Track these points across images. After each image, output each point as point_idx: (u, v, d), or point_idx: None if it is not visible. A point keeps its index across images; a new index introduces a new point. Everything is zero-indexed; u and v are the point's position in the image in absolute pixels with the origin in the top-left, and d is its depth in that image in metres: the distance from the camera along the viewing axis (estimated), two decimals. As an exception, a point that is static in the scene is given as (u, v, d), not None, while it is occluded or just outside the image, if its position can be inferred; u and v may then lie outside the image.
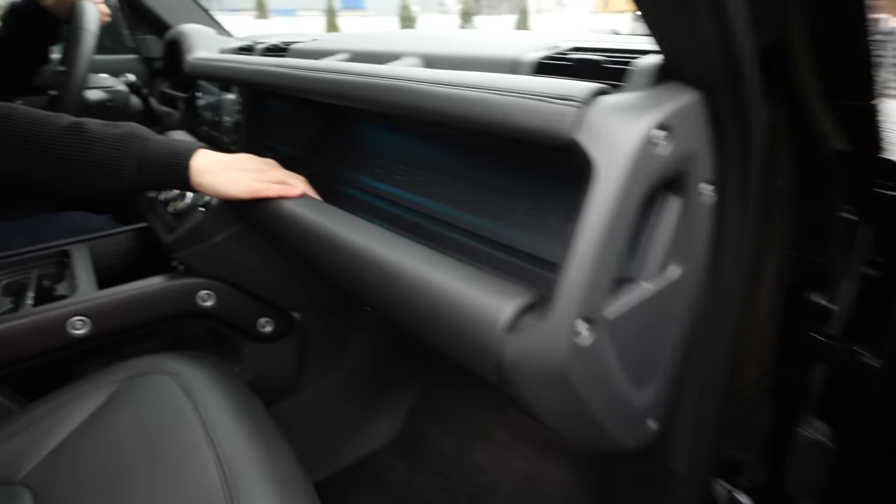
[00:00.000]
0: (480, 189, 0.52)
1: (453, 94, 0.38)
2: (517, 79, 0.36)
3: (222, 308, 0.76)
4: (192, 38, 0.96)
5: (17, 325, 0.62)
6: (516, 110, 0.34)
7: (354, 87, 0.47)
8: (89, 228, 0.93)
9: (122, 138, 0.56)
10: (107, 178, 0.56)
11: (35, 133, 0.54)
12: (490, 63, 0.45)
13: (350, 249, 0.49)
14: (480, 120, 0.36)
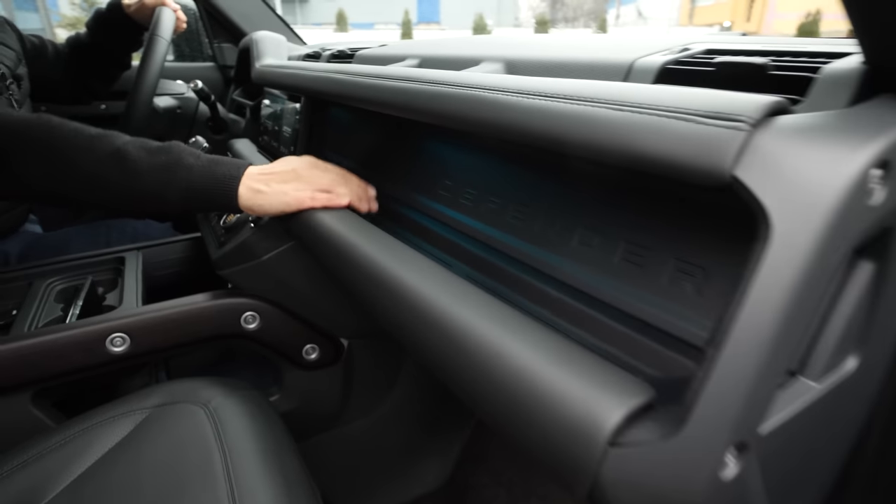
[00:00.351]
0: (562, 222, 0.42)
1: (550, 109, 0.28)
2: (644, 89, 0.26)
3: (267, 331, 0.71)
4: (262, 46, 0.93)
5: (57, 339, 0.59)
6: (643, 132, 0.24)
7: (418, 95, 0.38)
8: (149, 236, 0.92)
9: (165, 169, 0.53)
10: (153, 205, 0.54)
11: (83, 160, 0.52)
12: (595, 69, 0.35)
13: (398, 291, 0.40)
14: (586, 143, 0.27)
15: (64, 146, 0.52)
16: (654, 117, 0.24)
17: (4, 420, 0.60)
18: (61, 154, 0.52)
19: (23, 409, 0.60)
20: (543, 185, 0.45)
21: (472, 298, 0.35)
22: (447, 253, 0.54)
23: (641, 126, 0.24)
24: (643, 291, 0.36)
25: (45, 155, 0.51)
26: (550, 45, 0.45)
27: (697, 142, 0.22)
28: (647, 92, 0.25)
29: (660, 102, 0.24)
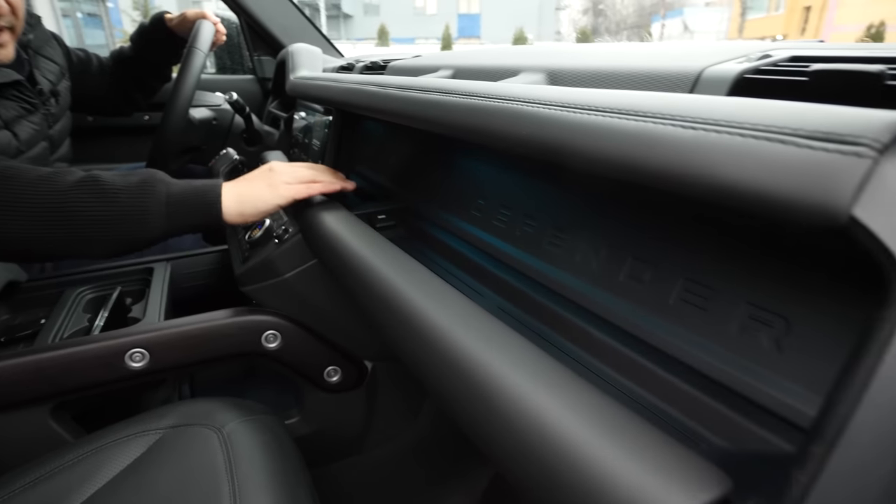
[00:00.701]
0: (608, 252, 0.37)
1: (600, 125, 0.24)
2: (724, 102, 0.21)
3: (288, 351, 0.68)
4: (297, 58, 0.92)
5: (75, 353, 0.58)
6: (723, 156, 0.19)
7: (447, 108, 0.34)
8: (180, 247, 0.92)
9: (143, 184, 0.50)
10: (134, 228, 0.50)
11: (43, 193, 0.48)
12: (655, 79, 0.30)
13: (416, 324, 0.36)
14: (645, 168, 0.22)
15: (17, 186, 0.47)
16: (739, 138, 0.19)
17: (24, 433, 0.59)
18: (17, 196, 0.47)
19: (42, 422, 0.59)
20: (587, 209, 0.40)
21: (502, 341, 0.30)
22: (478, 280, 0.49)
23: (720, 149, 0.19)
24: (706, 340, 0.30)
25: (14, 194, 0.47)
26: (600, 53, 0.40)
27: (800, 171, 0.17)
28: (727, 106, 0.20)
29: (746, 119, 0.19)
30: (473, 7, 22.53)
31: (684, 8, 26.98)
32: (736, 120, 0.19)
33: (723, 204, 0.20)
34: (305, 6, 21.58)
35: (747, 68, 0.26)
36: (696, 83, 0.27)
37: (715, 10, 25.71)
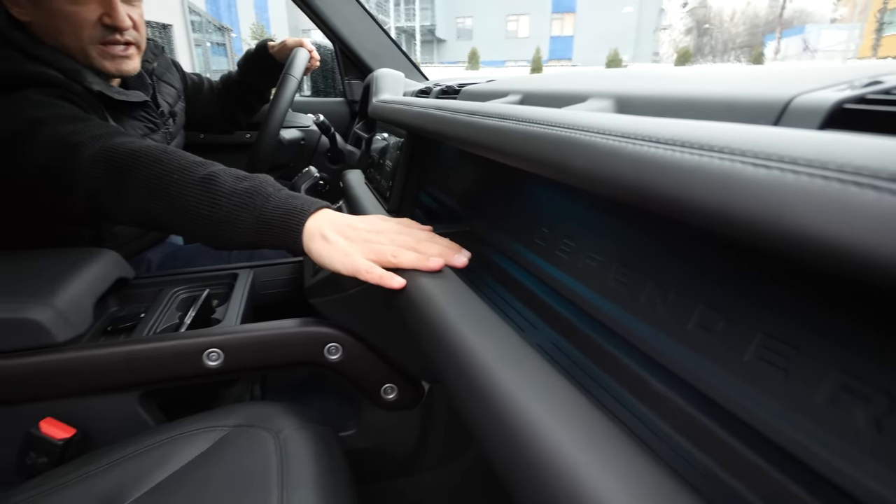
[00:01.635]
0: (677, 296, 0.34)
1: (657, 158, 0.22)
2: (806, 137, 0.18)
3: (348, 364, 0.69)
4: (381, 82, 0.96)
5: (161, 348, 0.64)
6: (797, 201, 0.16)
7: (503, 134, 0.33)
8: (263, 255, 0.99)
9: (244, 195, 0.53)
10: (226, 235, 0.53)
11: (175, 182, 0.54)
12: (736, 108, 0.27)
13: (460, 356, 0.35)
14: (708, 209, 0.19)
15: (162, 170, 0.55)
16: (821, 180, 0.16)
17: (115, 414, 0.65)
18: (158, 177, 0.54)
19: (131, 407, 0.65)
20: (657, 247, 0.37)
21: (546, 386, 0.28)
22: (534, 311, 0.47)
23: (796, 192, 0.16)
24: (788, 409, 0.26)
25: (151, 174, 0.54)
26: (679, 78, 0.37)
27: (875, 220, 0.14)
28: (811, 142, 0.18)
29: (831, 158, 0.16)
30: (566, 29, 22.39)
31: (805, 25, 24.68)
32: (819, 159, 0.17)
33: (797, 256, 0.17)
34: (402, 32, 22.78)
35: (847, 97, 0.22)
36: (782, 114, 0.24)
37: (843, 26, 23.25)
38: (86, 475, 0.55)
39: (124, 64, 0.78)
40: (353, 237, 0.51)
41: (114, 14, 0.73)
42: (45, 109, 0.63)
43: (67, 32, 0.72)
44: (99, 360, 0.62)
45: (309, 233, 0.51)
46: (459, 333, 0.38)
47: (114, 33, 0.74)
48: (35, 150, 0.60)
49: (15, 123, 0.61)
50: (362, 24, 1.33)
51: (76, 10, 0.70)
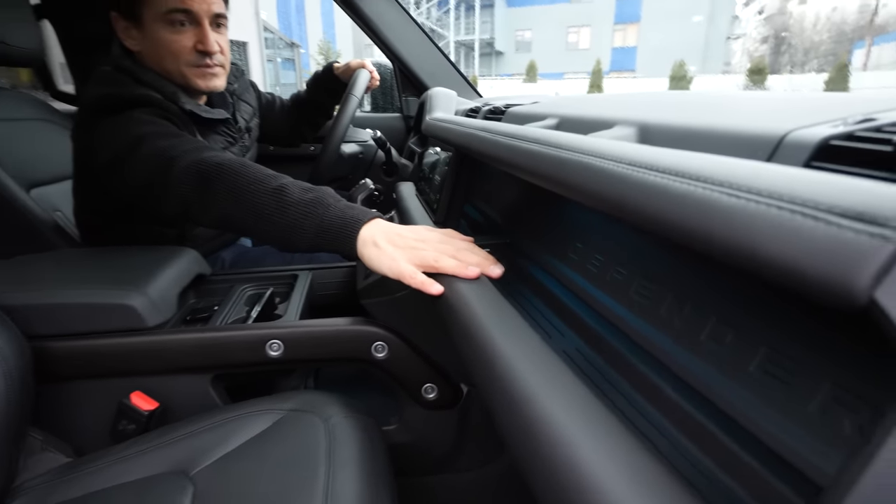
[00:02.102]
0: (692, 309, 0.36)
1: (653, 185, 0.25)
2: (774, 172, 0.21)
3: (392, 363, 0.75)
4: (434, 100, 1.03)
5: (230, 336, 0.72)
6: (757, 228, 0.20)
7: (536, 159, 0.38)
8: (321, 258, 1.07)
9: (309, 205, 0.60)
10: (292, 239, 0.61)
11: (252, 191, 0.62)
12: (737, 140, 0.30)
13: (490, 359, 0.39)
14: (691, 232, 0.23)
15: (241, 181, 0.63)
16: (775, 210, 0.19)
17: (190, 393, 0.74)
18: (237, 186, 0.63)
19: (202, 387, 0.74)
20: (676, 263, 0.40)
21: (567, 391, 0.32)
22: (562, 319, 0.50)
23: (755, 219, 0.20)
24: (784, 417, 0.28)
25: (233, 184, 0.63)
26: (697, 106, 0.40)
27: (825, 248, 0.17)
28: (774, 176, 0.21)
29: (788, 191, 0.19)
30: (629, 40, 21.90)
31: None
32: (778, 191, 0.20)
33: (759, 274, 0.20)
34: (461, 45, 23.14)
35: (834, 133, 0.25)
36: (777, 148, 0.27)
37: (941, 33, 21.13)
38: (164, 443, 0.64)
39: (213, 82, 0.89)
40: (401, 244, 0.56)
41: (206, 41, 0.85)
42: (147, 127, 0.74)
43: (168, 57, 0.84)
44: (180, 344, 0.71)
45: (362, 240, 0.57)
46: (490, 338, 0.42)
47: (205, 57, 0.87)
48: (138, 163, 0.71)
49: (123, 140, 0.73)
50: (420, 44, 1.41)
51: (176, 39, 0.83)
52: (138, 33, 0.84)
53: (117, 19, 0.84)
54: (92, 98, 0.79)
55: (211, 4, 0.84)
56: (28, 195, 0.99)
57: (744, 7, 27.69)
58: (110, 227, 0.93)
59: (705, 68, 19.74)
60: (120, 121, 0.75)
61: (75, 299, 0.69)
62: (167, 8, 0.80)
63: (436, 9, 21.95)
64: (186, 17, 0.83)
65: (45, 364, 0.67)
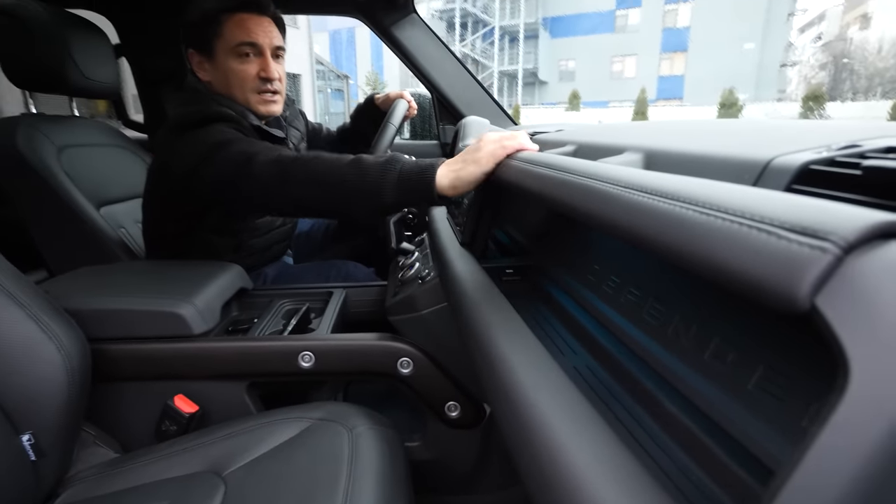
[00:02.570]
0: (698, 330, 0.37)
1: (641, 205, 0.27)
2: (741, 192, 0.23)
3: (417, 379, 0.77)
4: (467, 128, 1.07)
5: (266, 346, 0.77)
6: (718, 240, 0.21)
7: (542, 181, 0.40)
8: (356, 277, 1.12)
9: (386, 163, 0.68)
10: (380, 197, 0.68)
11: (330, 170, 0.70)
12: (728, 166, 0.31)
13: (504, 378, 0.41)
14: (666, 245, 0.25)
15: (320, 166, 0.71)
16: (736, 226, 0.21)
17: (227, 398, 0.79)
18: (317, 172, 0.71)
19: (239, 394, 0.79)
20: (683, 284, 0.41)
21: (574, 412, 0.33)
22: (575, 337, 0.52)
23: (718, 234, 0.22)
24: (777, 432, 0.29)
25: (310, 167, 0.71)
26: (697, 133, 0.41)
27: (774, 259, 0.19)
28: (743, 197, 0.23)
29: (747, 209, 0.21)
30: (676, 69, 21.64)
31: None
32: (741, 209, 0.22)
33: (723, 285, 0.22)
34: (505, 75, 23.57)
35: (813, 159, 0.26)
36: (762, 172, 0.28)
37: None
38: (201, 445, 0.68)
39: (272, 107, 1.00)
40: (473, 157, 0.65)
41: (268, 69, 0.96)
42: (227, 134, 0.84)
43: (236, 84, 0.96)
44: (220, 352, 0.76)
45: (441, 175, 0.66)
46: (498, 350, 0.44)
47: (266, 84, 0.97)
48: (221, 163, 0.79)
49: (208, 145, 0.82)
50: (457, 75, 1.48)
51: (243, 68, 0.95)
52: (210, 65, 0.96)
53: (193, 55, 0.96)
54: (177, 115, 0.90)
55: (272, 38, 0.96)
56: (98, 213, 1.10)
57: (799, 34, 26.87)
58: (174, 237, 1.01)
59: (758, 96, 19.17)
60: (202, 132, 0.85)
61: (131, 306, 0.76)
62: (237, 42, 0.92)
63: (481, 40, 22.57)
64: (252, 49, 0.94)
65: (101, 364, 0.74)
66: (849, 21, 26.40)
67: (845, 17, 26.80)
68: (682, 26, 21.38)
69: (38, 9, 1.04)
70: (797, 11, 21.48)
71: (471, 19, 21.90)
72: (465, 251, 0.73)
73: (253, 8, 0.93)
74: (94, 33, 1.16)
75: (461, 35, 21.53)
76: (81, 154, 1.13)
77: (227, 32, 0.92)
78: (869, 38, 23.11)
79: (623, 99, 21.01)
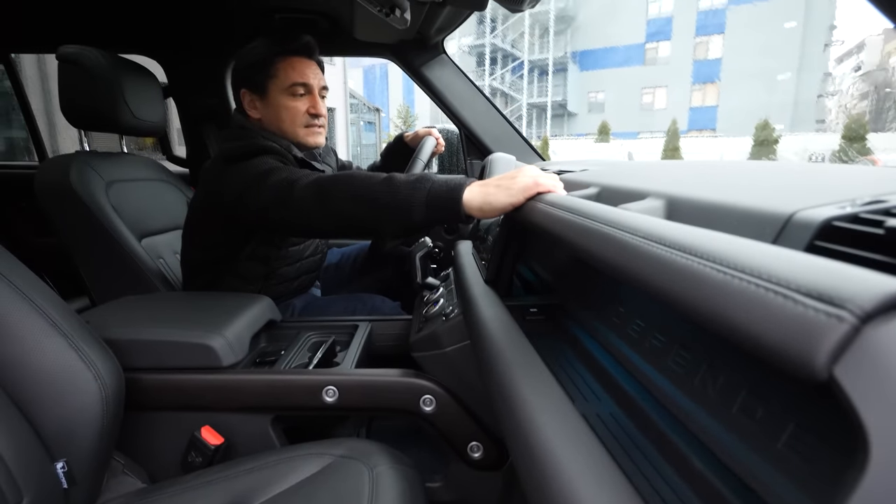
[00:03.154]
0: (725, 380, 0.36)
1: (658, 258, 0.27)
2: (759, 251, 0.23)
3: (440, 417, 0.77)
4: (493, 165, 1.09)
5: (293, 380, 0.78)
6: (735, 301, 0.21)
7: (565, 225, 0.40)
8: (382, 310, 1.13)
9: (416, 181, 0.73)
10: (409, 214, 0.71)
11: (365, 187, 0.74)
12: (749, 218, 0.31)
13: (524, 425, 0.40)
14: (683, 300, 0.24)
15: (359, 180, 0.76)
16: (751, 286, 0.21)
17: (252, 431, 0.80)
18: (354, 189, 0.75)
19: (263, 427, 0.80)
20: (709, 333, 0.40)
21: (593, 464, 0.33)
22: (600, 382, 0.51)
23: (736, 294, 0.21)
24: (807, 496, 0.28)
25: (348, 185, 0.76)
26: (721, 181, 0.41)
27: (791, 325, 0.19)
28: (759, 255, 0.22)
29: (765, 269, 0.21)
30: (708, 100, 21.45)
31: None
32: (759, 269, 0.21)
33: (740, 347, 0.21)
34: (534, 107, 23.86)
35: (836, 215, 0.25)
36: (784, 227, 0.28)
37: None
38: (226, 478, 0.69)
39: (318, 139, 1.09)
40: (504, 185, 0.67)
41: (317, 106, 1.07)
42: (272, 164, 0.90)
43: (287, 120, 1.05)
44: (247, 384, 0.78)
45: (469, 196, 0.69)
46: (524, 402, 0.44)
47: (315, 119, 1.07)
48: (265, 190, 0.85)
49: (254, 174, 0.88)
50: (485, 112, 1.51)
51: (296, 105, 1.05)
52: (261, 103, 1.06)
53: (245, 94, 1.06)
54: (226, 149, 0.98)
55: (321, 79, 1.07)
56: (140, 244, 1.15)
57: (837, 64, 26.34)
58: (210, 264, 1.07)
59: (794, 126, 18.73)
60: (249, 164, 0.92)
61: (165, 336, 0.78)
62: (291, 82, 1.03)
63: (510, 74, 23.03)
64: (304, 88, 1.05)
65: (133, 393, 0.76)
66: (890, 50, 25.77)
67: (886, 47, 26.17)
68: (713, 58, 21.29)
69: (98, 56, 1.13)
70: (834, 42, 21.12)
71: (500, 54, 22.43)
72: (489, 288, 0.73)
73: (304, 52, 1.04)
74: (144, 77, 1.25)
75: (491, 69, 22.03)
76: (127, 188, 1.20)
77: (281, 74, 1.02)
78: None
79: (654, 130, 20.88)
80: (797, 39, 19.66)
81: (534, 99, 23.53)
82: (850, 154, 9.86)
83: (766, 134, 11.85)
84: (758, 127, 12.03)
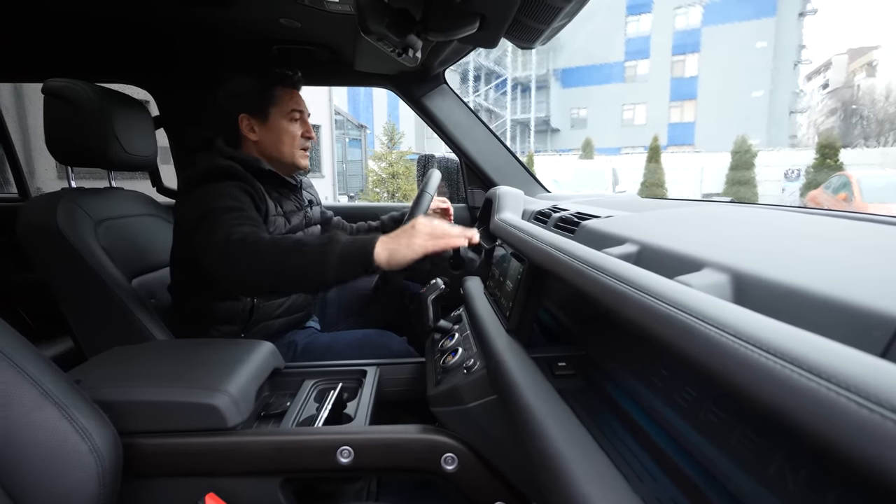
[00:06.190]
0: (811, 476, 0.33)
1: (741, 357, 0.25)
2: (859, 361, 0.20)
3: (462, 477, 0.72)
4: (502, 200, 1.06)
5: (305, 441, 0.73)
6: (868, 439, 0.18)
7: (618, 298, 0.38)
8: (389, 347, 1.09)
9: (325, 243, 0.79)
10: (316, 278, 0.79)
11: (276, 250, 0.80)
12: (849, 315, 0.28)
13: None
14: (784, 414, 0.22)
15: (270, 247, 0.80)
16: (866, 412, 0.18)
17: (260, 497, 0.74)
18: (267, 252, 0.80)
19: (272, 491, 0.74)
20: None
21: None
22: (655, 460, 0.47)
23: (849, 420, 0.19)
24: None
25: (255, 256, 0.80)
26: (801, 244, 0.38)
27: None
28: (857, 365, 0.20)
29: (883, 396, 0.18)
30: (686, 116, 21.95)
31: None
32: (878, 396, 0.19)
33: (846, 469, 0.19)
34: (517, 123, 24.17)
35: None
36: (866, 326, 0.25)
37: None
38: (232, 552, 0.64)
39: (307, 161, 1.19)
40: (409, 235, 0.80)
41: (309, 130, 1.17)
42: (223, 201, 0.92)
43: (286, 143, 1.13)
44: (255, 446, 0.72)
45: (380, 250, 0.78)
46: (577, 482, 0.40)
47: (307, 141, 1.17)
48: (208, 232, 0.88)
49: (202, 209, 0.91)
50: (486, 141, 1.49)
51: (293, 129, 1.14)
52: (261, 127, 1.12)
53: (244, 118, 1.10)
54: (184, 175, 1.03)
55: (308, 105, 1.18)
56: (130, 285, 1.09)
57: (807, 81, 27.32)
58: (195, 295, 1.07)
59: (770, 141, 19.27)
60: (202, 191, 0.95)
61: (164, 396, 0.73)
62: (290, 108, 1.13)
63: (493, 91, 23.31)
64: (300, 114, 1.15)
65: (131, 459, 0.70)
66: (854, 69, 26.85)
67: (851, 66, 27.26)
68: (689, 75, 21.90)
69: (87, 89, 1.08)
70: (803, 61, 21.92)
71: (484, 71, 22.72)
72: (511, 339, 0.70)
73: (298, 86, 1.17)
74: (135, 109, 1.20)
75: (475, 86, 22.29)
76: (117, 226, 1.14)
77: (281, 101, 1.12)
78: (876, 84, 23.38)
79: (635, 145, 21.29)
80: (769, 58, 20.36)
81: (517, 115, 23.84)
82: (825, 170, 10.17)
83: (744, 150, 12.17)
84: (736, 142, 12.34)
